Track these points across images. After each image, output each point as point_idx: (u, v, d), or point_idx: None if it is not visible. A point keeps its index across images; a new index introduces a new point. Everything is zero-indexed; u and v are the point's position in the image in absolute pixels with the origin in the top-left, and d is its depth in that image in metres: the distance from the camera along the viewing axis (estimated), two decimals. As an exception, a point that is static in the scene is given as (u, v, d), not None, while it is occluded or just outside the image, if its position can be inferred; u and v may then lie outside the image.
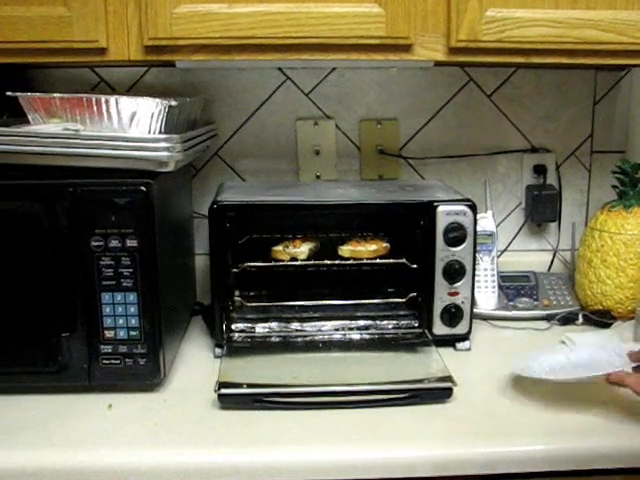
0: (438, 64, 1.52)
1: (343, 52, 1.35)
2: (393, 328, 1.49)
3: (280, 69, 1.75)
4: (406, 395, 1.24)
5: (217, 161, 1.79)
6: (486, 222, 1.67)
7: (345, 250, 1.49)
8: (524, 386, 1.29)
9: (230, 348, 1.42)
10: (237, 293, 1.54)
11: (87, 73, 1.72)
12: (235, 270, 1.47)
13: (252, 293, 1.58)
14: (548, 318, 1.63)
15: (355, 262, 1.49)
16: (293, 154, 1.80)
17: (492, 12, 1.33)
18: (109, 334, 1.24)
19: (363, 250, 1.47)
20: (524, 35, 1.34)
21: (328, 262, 1.50)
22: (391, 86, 1.79)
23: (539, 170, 1.83)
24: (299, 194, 1.57)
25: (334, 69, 1.76)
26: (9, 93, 1.30)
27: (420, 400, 1.24)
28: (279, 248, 1.49)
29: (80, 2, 1.29)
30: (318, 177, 1.81)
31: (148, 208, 1.20)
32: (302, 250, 1.49)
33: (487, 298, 1.66)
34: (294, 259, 1.49)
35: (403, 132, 1.81)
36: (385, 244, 1.51)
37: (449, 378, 1.27)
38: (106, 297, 1.23)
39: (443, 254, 1.43)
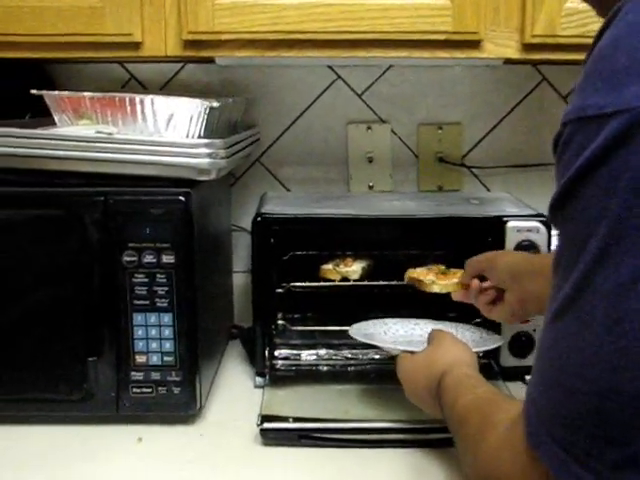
0: (508, 62, 1.52)
1: (404, 49, 1.36)
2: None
3: (330, 67, 1.76)
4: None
5: (259, 169, 1.80)
6: (560, 240, 1.66)
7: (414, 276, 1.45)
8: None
9: (273, 377, 1.43)
10: (280, 316, 1.55)
11: (116, 69, 1.75)
12: (279, 290, 1.48)
13: (297, 316, 1.58)
14: (631, 349, 1.61)
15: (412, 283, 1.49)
16: (343, 162, 1.81)
17: (573, 3, 1.32)
18: (140, 359, 1.25)
19: (446, 284, 1.41)
20: (608, 29, 1.33)
21: (383, 283, 1.50)
22: (454, 86, 1.79)
23: (620, 181, 1.81)
24: (350, 206, 1.57)
25: (390, 67, 1.77)
26: (34, 91, 1.33)
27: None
28: (329, 267, 1.50)
29: (114, -9, 1.32)
30: (371, 188, 1.81)
31: (187, 220, 1.21)
32: (354, 269, 1.49)
33: (561, 326, 1.64)
34: (345, 279, 1.49)
35: (467, 138, 1.81)
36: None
37: (519, 416, 1.26)
38: (138, 318, 1.24)
39: (513, 275, 1.42)
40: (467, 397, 0.95)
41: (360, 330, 1.39)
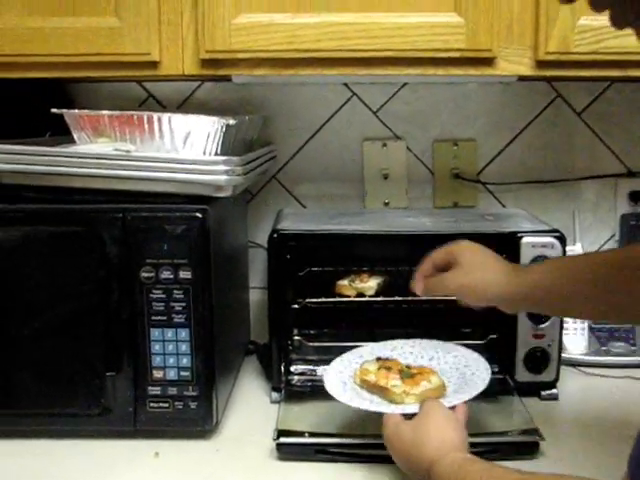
0: (522, 79, 1.53)
1: (418, 66, 1.37)
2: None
3: (346, 84, 1.78)
4: (485, 449, 1.22)
5: (275, 185, 1.81)
6: (575, 256, 1.66)
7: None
8: (623, 440, 1.27)
9: (289, 392, 1.43)
10: (296, 331, 1.55)
11: (134, 88, 1.77)
12: (295, 306, 1.48)
13: (313, 332, 1.58)
14: (647, 365, 1.61)
15: (428, 298, 1.49)
16: (359, 178, 1.82)
17: (586, 20, 1.32)
18: (158, 374, 1.26)
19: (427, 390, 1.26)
20: (622, 45, 1.33)
21: (399, 298, 1.50)
22: (469, 103, 1.80)
23: (636, 197, 1.81)
24: (366, 223, 1.58)
25: (405, 84, 1.78)
26: (54, 110, 1.34)
27: (502, 455, 1.22)
28: (344, 282, 1.50)
29: (132, 12, 1.33)
30: (386, 204, 1.82)
31: (204, 237, 1.23)
32: (370, 285, 1.50)
33: (577, 341, 1.64)
34: (361, 295, 1.49)
35: (481, 154, 1.82)
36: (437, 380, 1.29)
37: (535, 431, 1.26)
38: (156, 333, 1.25)
39: (528, 291, 1.42)
40: None
41: (335, 377, 1.32)
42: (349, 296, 1.50)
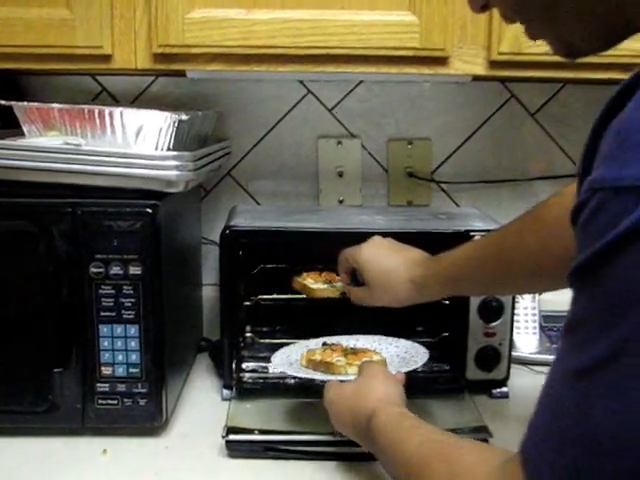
0: (476, 79, 1.53)
1: (372, 64, 1.37)
2: (421, 372, 1.48)
3: (301, 82, 1.77)
4: (436, 447, 1.23)
5: (229, 182, 1.81)
6: (527, 255, 1.67)
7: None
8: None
9: (240, 390, 1.43)
10: (248, 328, 1.55)
11: (87, 81, 1.75)
12: (247, 303, 1.48)
13: (265, 329, 1.59)
14: (596, 364, 1.62)
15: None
16: (313, 176, 1.82)
17: (539, 22, 1.34)
18: (106, 371, 1.25)
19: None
20: (573, 47, 1.35)
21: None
22: (423, 102, 1.80)
23: (587, 198, 1.82)
24: (320, 220, 1.57)
25: (360, 82, 1.78)
26: (2, 102, 1.32)
27: (451, 453, 1.23)
28: (323, 286, 1.47)
29: (84, 4, 1.32)
30: (341, 202, 1.82)
31: (154, 232, 1.22)
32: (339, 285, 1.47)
33: (527, 340, 1.66)
34: (343, 293, 1.47)
35: (436, 153, 1.83)
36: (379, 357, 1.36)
37: (484, 428, 1.27)
38: (104, 329, 1.24)
39: (479, 290, 1.43)
40: (414, 440, 0.93)
41: (282, 359, 1.38)
42: (334, 298, 1.46)
